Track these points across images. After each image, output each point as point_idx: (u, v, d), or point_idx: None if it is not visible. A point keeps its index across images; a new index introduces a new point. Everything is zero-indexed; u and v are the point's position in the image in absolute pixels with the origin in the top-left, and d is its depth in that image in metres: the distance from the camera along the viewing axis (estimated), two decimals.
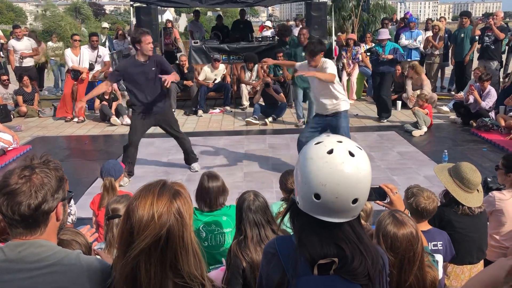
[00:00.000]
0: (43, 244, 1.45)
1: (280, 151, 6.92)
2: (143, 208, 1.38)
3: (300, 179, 1.38)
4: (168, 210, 1.39)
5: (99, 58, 9.52)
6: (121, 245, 1.42)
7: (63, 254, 1.46)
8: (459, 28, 10.57)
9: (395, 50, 8.29)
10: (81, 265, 1.45)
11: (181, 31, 25.72)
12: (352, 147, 1.36)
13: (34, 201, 1.41)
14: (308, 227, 1.38)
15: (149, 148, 7.19)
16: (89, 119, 9.24)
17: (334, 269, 1.33)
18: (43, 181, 1.44)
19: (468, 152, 6.60)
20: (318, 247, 1.34)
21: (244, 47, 10.88)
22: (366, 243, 1.38)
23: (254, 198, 2.52)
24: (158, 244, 1.37)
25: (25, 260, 1.41)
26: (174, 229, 1.39)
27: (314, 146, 1.38)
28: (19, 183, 1.41)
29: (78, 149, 7.57)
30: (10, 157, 6.75)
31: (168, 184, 1.46)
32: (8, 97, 9.77)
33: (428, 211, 2.76)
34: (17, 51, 10.32)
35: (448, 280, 3.04)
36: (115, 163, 3.75)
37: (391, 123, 8.48)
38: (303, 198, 1.38)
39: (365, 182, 1.35)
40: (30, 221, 1.43)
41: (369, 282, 1.34)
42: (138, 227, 1.37)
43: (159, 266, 1.38)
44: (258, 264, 2.40)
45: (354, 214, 1.38)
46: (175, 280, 1.40)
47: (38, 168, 1.47)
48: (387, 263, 1.45)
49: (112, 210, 2.63)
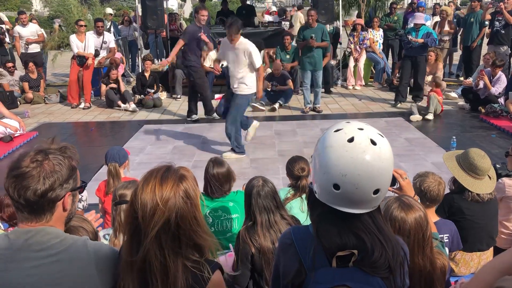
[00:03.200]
0: (49, 231, 1.42)
1: (287, 138, 6.89)
2: (146, 193, 1.38)
3: (318, 168, 1.31)
4: (175, 193, 1.38)
5: (104, 44, 9.47)
6: (129, 230, 1.41)
7: (70, 241, 1.43)
8: (469, 13, 10.42)
9: (428, 34, 8.13)
10: (88, 252, 1.42)
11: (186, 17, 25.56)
12: (373, 134, 1.28)
13: (41, 187, 1.37)
14: (326, 217, 1.32)
15: (156, 134, 7.19)
16: (95, 105, 9.23)
17: (354, 261, 1.27)
18: (54, 168, 1.40)
19: (476, 139, 6.54)
20: (336, 238, 1.29)
21: (249, 33, 10.76)
22: (387, 234, 1.32)
23: (263, 184, 2.50)
24: (168, 228, 1.37)
25: (31, 248, 1.38)
26: (184, 211, 1.39)
27: (333, 134, 1.30)
28: (30, 166, 1.38)
29: (85, 135, 7.59)
30: (17, 143, 6.78)
31: (173, 168, 1.45)
32: (14, 84, 9.77)
33: (432, 193, 2.70)
34: (23, 37, 10.28)
35: (457, 267, 3.02)
36: (120, 149, 3.73)
37: (398, 109, 8.40)
38: (321, 187, 1.31)
39: (387, 172, 1.28)
40: (35, 207, 1.40)
41: (390, 274, 1.29)
42: (143, 213, 1.36)
43: (170, 249, 1.38)
44: (267, 249, 2.39)
45: (375, 205, 1.31)
46: (186, 263, 1.40)
47: (52, 155, 1.42)
48: (408, 255, 1.41)
49: (119, 196, 2.62)
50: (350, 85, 10.32)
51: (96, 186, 3.70)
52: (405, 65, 8.53)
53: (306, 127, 7.46)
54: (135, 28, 12.22)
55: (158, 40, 12.04)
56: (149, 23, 10.47)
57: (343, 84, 10.58)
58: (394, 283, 1.31)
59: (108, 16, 12.77)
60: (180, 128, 7.53)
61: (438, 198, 2.77)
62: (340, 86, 10.53)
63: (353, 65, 10.32)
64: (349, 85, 10.34)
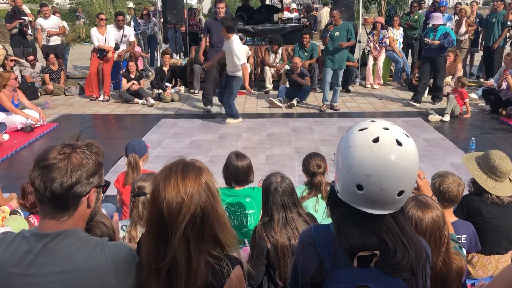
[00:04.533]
0: (69, 234, 1.38)
1: (303, 135, 6.87)
2: (170, 190, 1.36)
3: (341, 167, 1.28)
4: (198, 187, 1.38)
5: (124, 37, 9.54)
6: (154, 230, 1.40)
7: (90, 247, 1.39)
8: (491, 13, 10.24)
9: (446, 35, 7.97)
10: (107, 260, 1.38)
11: (205, 13, 25.61)
12: (399, 134, 1.25)
13: (68, 181, 1.35)
14: (348, 217, 1.30)
15: (173, 128, 7.24)
16: (114, 98, 9.32)
17: (375, 262, 1.26)
18: (81, 162, 1.38)
19: (496, 141, 6.44)
20: (358, 238, 1.27)
21: (269, 29, 10.75)
22: (410, 236, 1.31)
23: (281, 180, 2.50)
24: (194, 223, 1.36)
25: (51, 254, 1.35)
26: (207, 205, 1.38)
27: (358, 133, 1.27)
28: (57, 158, 1.36)
29: (103, 127, 7.67)
30: (37, 133, 6.89)
31: (189, 162, 1.45)
32: (35, 76, 9.92)
33: (451, 194, 2.68)
34: (45, 29, 10.43)
35: (474, 270, 2.98)
36: (140, 141, 3.78)
37: (417, 109, 8.31)
38: (343, 187, 1.29)
39: (413, 173, 1.25)
40: (60, 201, 1.37)
41: (412, 276, 1.27)
42: (169, 210, 1.35)
43: (195, 245, 1.37)
44: (283, 246, 2.40)
45: (398, 206, 1.29)
46: (207, 258, 1.40)
47: (80, 149, 1.41)
48: (431, 256, 1.39)
49: (138, 188, 2.65)
50: (369, 83, 10.24)
51: (115, 178, 3.76)
52: (424, 66, 8.44)
53: (323, 124, 7.43)
54: (155, 22, 12.29)
55: (177, 35, 12.10)
56: (168, 17, 10.55)
57: (362, 83, 10.51)
58: (416, 285, 1.29)
59: (130, 11, 12.84)
60: (198, 122, 7.57)
61: (457, 199, 2.74)
62: (358, 84, 10.45)
63: (372, 64, 10.23)
64: (367, 84, 10.26)
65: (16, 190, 3.77)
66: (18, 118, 6.87)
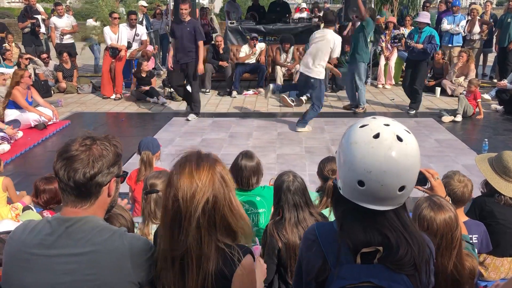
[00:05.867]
0: (89, 220, 1.46)
1: (314, 135, 6.86)
2: (184, 177, 1.41)
3: (343, 164, 1.30)
4: (213, 176, 1.43)
5: (136, 36, 9.61)
6: (168, 216, 1.44)
7: (109, 232, 1.46)
8: (506, 13, 10.13)
9: (430, 38, 7.42)
10: (124, 245, 1.45)
11: (216, 12, 25.65)
12: (400, 130, 1.26)
13: (90, 171, 1.42)
14: (350, 213, 1.32)
15: (184, 127, 7.27)
16: (126, 97, 9.38)
17: (379, 258, 1.26)
18: (102, 152, 1.46)
19: (510, 142, 6.37)
20: (361, 235, 1.28)
21: (280, 29, 10.74)
22: (412, 231, 1.31)
23: (293, 179, 2.50)
24: (207, 210, 1.40)
25: (72, 237, 1.42)
26: (220, 194, 1.42)
27: (358, 129, 1.28)
28: (79, 150, 1.43)
29: (115, 125, 7.73)
30: (50, 131, 6.96)
31: (204, 153, 1.51)
32: (49, 74, 10.02)
33: (456, 195, 2.66)
34: (58, 28, 10.53)
35: (486, 272, 2.96)
36: (153, 139, 3.82)
37: (429, 110, 8.25)
38: (345, 184, 1.31)
39: (414, 169, 1.26)
40: (83, 190, 1.44)
41: (415, 272, 1.28)
42: (183, 196, 1.40)
43: (206, 231, 1.41)
44: (294, 245, 2.40)
45: (400, 202, 1.30)
46: (218, 245, 1.43)
47: (100, 140, 1.49)
48: (434, 252, 1.39)
49: (150, 185, 2.66)
50: (380, 83, 10.19)
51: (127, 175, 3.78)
52: (407, 69, 8.10)
53: (334, 124, 7.41)
54: (167, 22, 12.33)
55: None
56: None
57: (373, 83, 10.46)
58: (420, 281, 1.30)
59: (142, 9, 12.89)
60: (209, 121, 7.60)
61: (463, 199, 2.72)
62: (370, 84, 10.40)
63: (383, 64, 10.17)
64: (379, 84, 10.21)
65: (29, 187, 3.81)
66: (32, 116, 6.95)
